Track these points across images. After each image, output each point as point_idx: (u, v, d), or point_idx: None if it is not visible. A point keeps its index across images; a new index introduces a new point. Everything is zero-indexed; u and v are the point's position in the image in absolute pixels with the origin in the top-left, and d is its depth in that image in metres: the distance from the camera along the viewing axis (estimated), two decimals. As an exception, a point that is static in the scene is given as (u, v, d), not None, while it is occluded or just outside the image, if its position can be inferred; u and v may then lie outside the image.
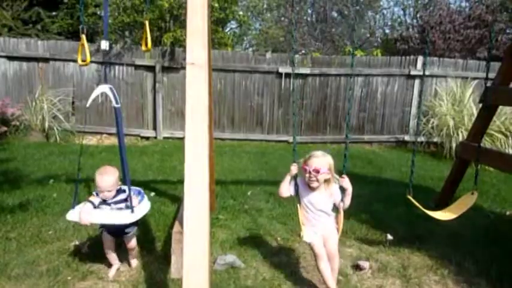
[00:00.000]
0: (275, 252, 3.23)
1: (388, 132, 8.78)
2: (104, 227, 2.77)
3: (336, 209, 2.69)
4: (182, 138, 8.29)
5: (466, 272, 3.02)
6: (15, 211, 3.76)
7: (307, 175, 2.56)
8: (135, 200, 2.77)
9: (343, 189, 2.59)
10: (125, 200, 2.75)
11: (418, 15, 13.40)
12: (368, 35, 15.10)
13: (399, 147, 8.55)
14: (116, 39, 9.29)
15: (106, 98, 8.17)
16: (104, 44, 2.98)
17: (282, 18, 15.89)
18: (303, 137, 8.51)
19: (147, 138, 8.25)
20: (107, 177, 2.71)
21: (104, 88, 2.83)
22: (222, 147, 7.49)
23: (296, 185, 2.67)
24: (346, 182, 2.57)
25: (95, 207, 2.71)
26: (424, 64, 7.99)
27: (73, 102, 8.16)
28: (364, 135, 8.69)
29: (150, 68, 8.13)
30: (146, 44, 3.06)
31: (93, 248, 3.06)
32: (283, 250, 3.28)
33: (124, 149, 2.79)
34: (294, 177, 2.66)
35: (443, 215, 3.12)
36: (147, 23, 3.04)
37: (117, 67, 8.16)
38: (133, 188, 2.90)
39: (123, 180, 2.81)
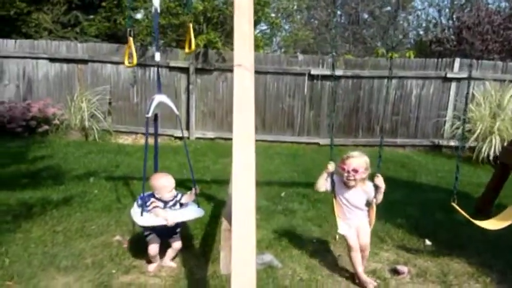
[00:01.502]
0: (311, 253, 3.24)
1: (422, 136, 8.59)
2: (153, 230, 2.87)
3: (368, 203, 2.86)
4: (214, 139, 8.42)
5: (509, 281, 2.93)
6: (60, 206, 3.94)
7: (346, 174, 2.73)
8: (190, 197, 2.98)
9: (376, 187, 2.76)
10: (178, 203, 2.94)
11: (454, 16, 13.04)
12: (401, 37, 14.80)
13: (433, 152, 8.34)
14: (151, 42, 9.50)
15: (142, 98, 8.42)
16: (157, 56, 3.10)
17: (311, 20, 15.84)
18: (335, 139, 8.38)
19: (180, 138, 8.41)
20: (167, 178, 2.93)
21: (161, 98, 3.00)
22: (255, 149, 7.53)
23: (332, 182, 2.86)
24: (380, 181, 2.74)
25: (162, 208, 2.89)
26: (470, 66, 7.68)
27: (110, 103, 8.42)
28: (397, 138, 8.53)
29: (184, 70, 8.29)
30: (190, 46, 3.14)
31: (133, 243, 3.17)
32: (319, 251, 3.28)
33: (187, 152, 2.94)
34: (331, 175, 2.85)
35: (491, 224, 3.02)
36: (190, 25, 3.13)
37: (151, 69, 8.37)
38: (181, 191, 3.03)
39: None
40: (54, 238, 3.21)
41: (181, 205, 2.97)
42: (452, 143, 8.46)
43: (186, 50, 3.23)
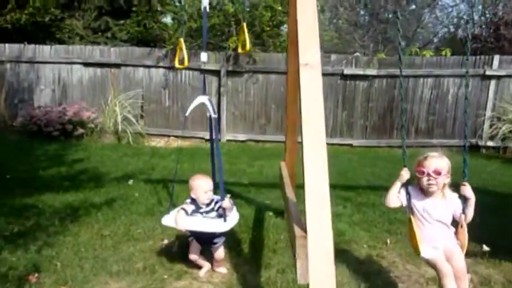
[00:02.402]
0: (363, 259, 3.12)
1: (460, 136, 8.28)
2: (193, 234, 2.82)
3: (455, 220, 2.34)
4: (245, 141, 8.37)
5: None
6: (104, 209, 3.94)
7: (425, 178, 2.25)
8: (228, 204, 2.81)
9: (464, 199, 2.28)
10: (216, 210, 2.82)
11: (487, 12, 12.60)
12: (432, 35, 14.42)
13: (472, 153, 8.02)
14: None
15: (173, 101, 8.45)
16: (204, 56, 3.05)
17: (334, 20, 15.61)
18: (369, 140, 8.29)
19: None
20: (203, 179, 2.83)
21: (203, 99, 2.94)
22: (286, 151, 7.44)
23: (407, 194, 2.36)
24: (469, 190, 2.25)
25: (187, 214, 2.79)
26: None
27: (142, 106, 8.49)
28: (433, 139, 8.27)
29: (215, 72, 8.28)
30: (244, 46, 3.07)
31: (182, 249, 3.12)
32: (371, 258, 3.15)
33: (219, 157, 2.85)
34: (405, 185, 2.37)
35: None
36: (244, 24, 3.06)
37: (183, 72, 8.40)
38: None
39: (217, 186, 2.88)
40: (102, 242, 3.19)
41: (220, 215, 2.80)
42: (491, 143, 8.14)
43: (240, 50, 3.16)
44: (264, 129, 8.44)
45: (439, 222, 2.31)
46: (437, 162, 2.26)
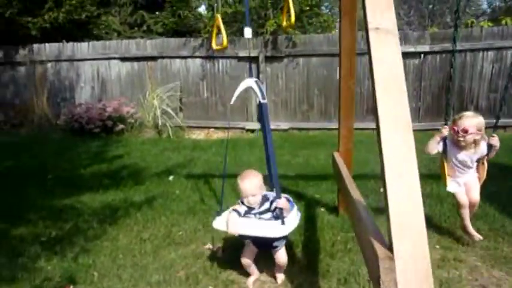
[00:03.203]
0: (439, 263, 2.65)
1: (527, 114, 7.43)
2: (249, 237, 2.47)
3: (479, 159, 2.82)
4: (287, 130, 7.96)
5: None
6: (143, 209, 3.72)
7: (456, 135, 2.71)
8: (285, 203, 2.43)
9: (491, 146, 2.72)
10: (271, 211, 2.44)
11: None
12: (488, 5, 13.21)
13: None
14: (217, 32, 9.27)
15: (211, 92, 8.17)
16: (248, 32, 2.64)
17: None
18: (422, 123, 7.60)
19: (252, 131, 8.06)
20: (249, 181, 2.44)
21: (250, 82, 2.56)
22: (333, 138, 6.96)
23: (444, 144, 2.81)
24: (496, 140, 2.69)
25: (240, 216, 2.46)
26: None
27: (181, 99, 8.29)
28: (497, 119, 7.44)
29: (253, 59, 7.88)
30: (289, 18, 2.63)
31: (228, 253, 2.81)
32: (448, 261, 2.68)
33: (271, 147, 2.45)
34: (443, 138, 2.81)
35: None
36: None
37: (220, 60, 8.09)
38: (283, 194, 2.58)
39: (270, 182, 2.51)
40: (141, 247, 2.94)
41: (277, 217, 2.40)
42: None
43: (284, 23, 2.74)
44: (307, 116, 7.98)
45: (466, 167, 2.83)
46: (467, 122, 2.67)
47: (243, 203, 2.49)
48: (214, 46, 2.62)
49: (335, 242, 2.91)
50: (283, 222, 2.34)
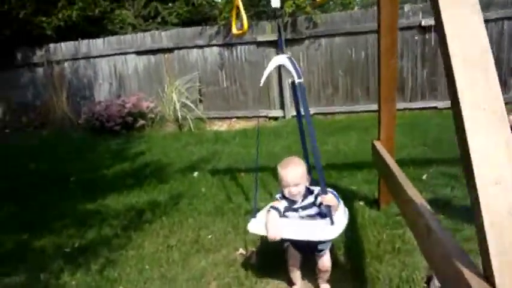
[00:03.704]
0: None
1: None
2: (289, 240, 2.20)
3: None
4: (312, 115, 7.59)
5: None
6: (169, 211, 3.51)
7: None
8: (333, 199, 2.13)
9: None
10: (316, 205, 2.15)
11: None
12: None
13: None
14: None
15: (231, 81, 7.88)
16: (275, 1, 2.33)
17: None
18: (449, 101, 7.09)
19: (276, 118, 7.75)
20: (292, 168, 2.15)
21: (282, 59, 2.25)
22: (361, 122, 6.60)
23: None
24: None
25: (280, 215, 2.17)
26: None
27: (200, 90, 8.05)
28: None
29: (273, 43, 7.51)
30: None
31: (262, 258, 2.56)
32: None
33: (313, 133, 2.10)
34: None
35: None
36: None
37: (238, 47, 7.77)
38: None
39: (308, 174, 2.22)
40: (169, 255, 2.73)
41: (322, 214, 2.13)
42: None
43: (235, 30, 2.32)
44: (331, 100, 7.60)
45: None
46: None
47: (283, 196, 2.21)
48: (234, 31, 2.32)
49: (380, 242, 2.61)
50: (332, 222, 2.05)
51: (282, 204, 2.20)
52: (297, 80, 2.12)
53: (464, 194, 3.31)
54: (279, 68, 7.58)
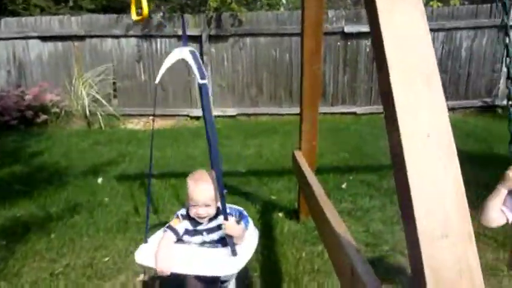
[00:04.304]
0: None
1: (474, 96, 7.42)
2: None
3: None
4: (235, 116, 7.36)
5: None
6: (61, 227, 2.98)
7: None
8: (236, 228, 1.78)
9: None
10: (221, 228, 1.81)
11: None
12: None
13: (486, 114, 7.19)
14: (155, 8, 8.32)
15: (150, 75, 7.32)
16: None
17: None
18: (375, 106, 7.34)
19: (197, 118, 7.35)
20: (206, 187, 1.77)
21: (183, 53, 1.86)
22: (285, 125, 6.50)
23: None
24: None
25: (178, 238, 1.82)
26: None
27: (114, 83, 7.36)
28: (446, 100, 7.36)
29: (195, 39, 7.11)
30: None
31: (168, 285, 2.20)
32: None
33: (214, 138, 1.78)
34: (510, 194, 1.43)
35: None
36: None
37: (158, 40, 7.24)
38: (231, 207, 1.98)
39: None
40: (52, 286, 2.24)
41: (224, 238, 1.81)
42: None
43: (134, 16, 1.96)
44: (255, 101, 7.41)
45: None
46: None
47: (187, 215, 1.85)
48: (134, 17, 1.93)
49: (299, 261, 2.40)
50: (234, 253, 1.74)
51: (183, 226, 1.85)
52: (199, 81, 1.75)
53: (382, 203, 3.27)
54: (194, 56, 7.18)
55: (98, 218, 3.11)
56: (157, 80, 1.91)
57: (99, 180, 3.99)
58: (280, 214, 3.12)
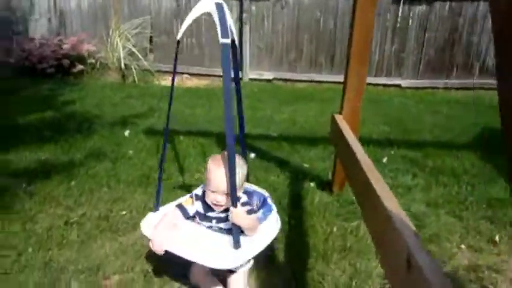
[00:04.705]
0: (464, 274, 1.95)
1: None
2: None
3: None
4: (271, 80, 7.05)
5: None
6: (82, 175, 2.87)
7: None
8: (243, 218, 1.52)
9: None
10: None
11: None
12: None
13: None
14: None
15: (188, 32, 7.06)
16: None
17: None
18: (420, 80, 6.81)
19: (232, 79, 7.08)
20: (228, 173, 1.47)
21: (208, 6, 1.55)
22: (323, 92, 6.14)
23: None
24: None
25: (187, 218, 1.65)
26: None
27: (151, 38, 7.19)
28: (503, 79, 6.71)
29: (236, -5, 6.76)
30: None
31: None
32: (478, 270, 1.99)
33: (228, 104, 1.44)
34: None
35: None
36: None
37: (198, -5, 6.92)
38: (256, 190, 1.76)
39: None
40: (64, 235, 2.12)
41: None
42: None
43: None
44: (294, 66, 7.04)
45: None
46: None
47: (202, 197, 1.65)
48: None
49: (329, 236, 2.17)
50: (236, 246, 1.48)
51: (194, 208, 1.66)
52: (220, 40, 1.44)
53: (426, 183, 2.95)
54: (241, 24, 6.87)
55: (120, 170, 2.98)
56: (179, 36, 1.66)
57: (126, 132, 3.86)
58: (312, 184, 2.87)
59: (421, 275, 0.77)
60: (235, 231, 1.49)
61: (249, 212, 1.59)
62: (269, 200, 1.80)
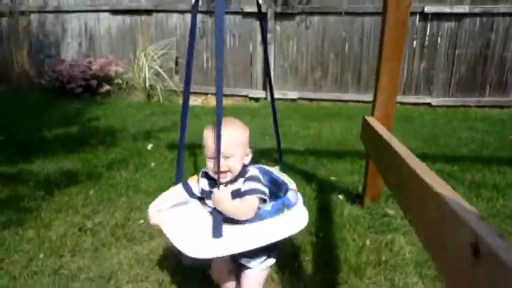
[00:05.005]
0: None
1: None
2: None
3: None
4: (296, 100, 6.94)
5: None
6: (102, 184, 2.79)
7: None
8: (223, 201, 1.24)
9: None
10: (240, 195, 1.32)
11: None
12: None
13: None
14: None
15: (212, 53, 7.13)
16: None
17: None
18: (453, 98, 6.55)
19: (256, 99, 7.04)
20: (229, 131, 1.30)
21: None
22: (349, 110, 5.98)
23: None
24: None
25: (191, 195, 1.46)
26: None
27: (177, 59, 7.28)
28: (542, 97, 6.38)
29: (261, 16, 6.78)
30: None
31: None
32: None
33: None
34: None
35: None
36: None
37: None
38: (280, 177, 1.58)
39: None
40: (78, 242, 2.02)
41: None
42: None
43: None
44: (319, 85, 6.94)
45: None
46: None
47: (209, 176, 1.44)
48: None
49: (362, 250, 1.97)
50: (216, 234, 1.20)
51: (199, 185, 1.47)
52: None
53: (466, 197, 2.70)
54: (265, 44, 6.85)
55: (140, 180, 2.89)
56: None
57: (149, 146, 3.80)
58: (340, 196, 2.69)
59: (493, 262, 0.60)
60: (216, 217, 1.22)
61: (238, 193, 1.31)
62: (292, 186, 1.53)
